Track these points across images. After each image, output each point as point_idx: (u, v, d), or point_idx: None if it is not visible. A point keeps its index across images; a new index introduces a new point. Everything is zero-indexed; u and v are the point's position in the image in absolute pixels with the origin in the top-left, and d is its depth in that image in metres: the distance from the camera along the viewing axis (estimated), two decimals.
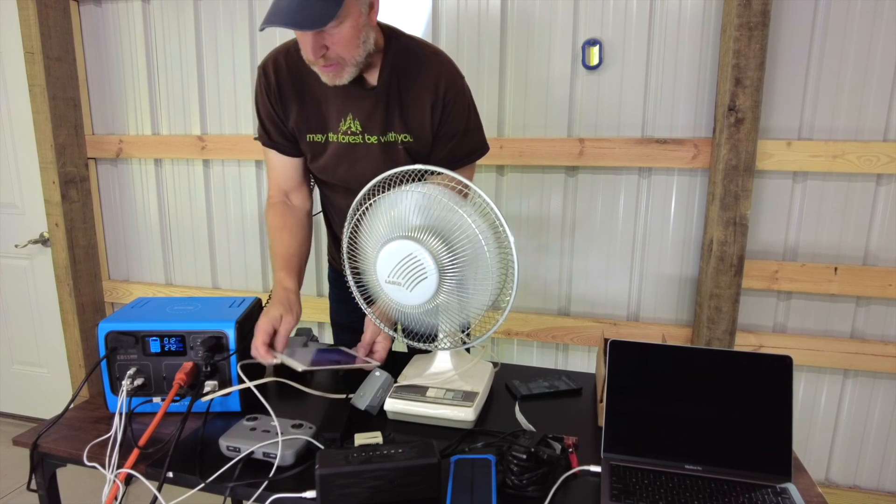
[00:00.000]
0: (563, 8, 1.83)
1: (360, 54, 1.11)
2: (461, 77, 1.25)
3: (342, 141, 1.24)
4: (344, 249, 1.15)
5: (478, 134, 1.32)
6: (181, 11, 2.19)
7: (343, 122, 1.22)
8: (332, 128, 1.23)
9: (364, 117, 1.22)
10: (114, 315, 1.10)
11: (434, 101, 1.21)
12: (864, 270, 1.73)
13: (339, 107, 1.22)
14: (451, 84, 1.22)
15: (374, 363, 1.19)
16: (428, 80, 1.21)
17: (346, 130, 1.23)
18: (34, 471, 1.02)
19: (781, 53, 1.70)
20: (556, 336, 2.00)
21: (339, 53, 1.07)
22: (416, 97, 1.21)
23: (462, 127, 1.26)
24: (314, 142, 1.26)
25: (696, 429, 0.94)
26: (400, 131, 1.23)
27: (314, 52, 1.05)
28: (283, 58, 1.22)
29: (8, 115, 2.43)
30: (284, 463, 0.91)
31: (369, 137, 1.23)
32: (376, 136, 1.23)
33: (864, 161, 1.67)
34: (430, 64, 1.22)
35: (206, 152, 2.24)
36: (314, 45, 1.05)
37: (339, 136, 1.24)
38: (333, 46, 1.06)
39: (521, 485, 0.86)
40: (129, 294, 2.48)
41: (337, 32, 1.05)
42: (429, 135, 1.24)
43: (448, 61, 1.24)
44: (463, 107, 1.25)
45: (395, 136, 1.23)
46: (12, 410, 2.80)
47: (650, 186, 1.87)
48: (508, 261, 1.03)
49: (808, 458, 1.91)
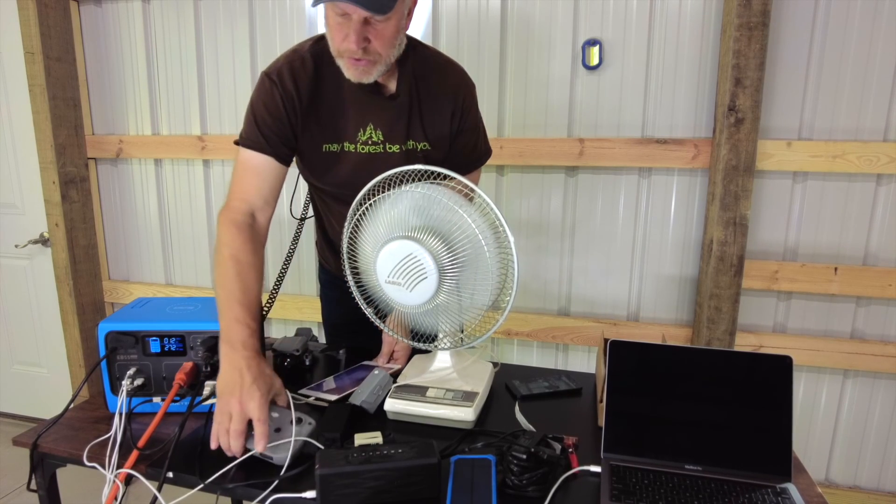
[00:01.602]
0: (563, 8, 1.83)
1: (393, 55, 1.11)
2: (475, 86, 1.29)
3: (361, 151, 1.21)
4: (344, 250, 1.14)
5: (485, 139, 1.38)
6: (181, 11, 2.19)
7: (362, 132, 1.20)
8: (349, 138, 1.20)
9: (386, 126, 1.20)
10: (114, 315, 1.10)
11: (453, 111, 1.24)
12: (864, 270, 1.73)
13: (357, 116, 1.19)
14: (468, 93, 1.27)
15: (396, 367, 1.25)
16: (447, 90, 1.23)
17: (367, 140, 1.20)
18: (34, 471, 1.02)
19: (781, 53, 1.70)
20: (556, 336, 2.00)
21: (377, 49, 1.06)
22: (437, 106, 1.23)
23: (475, 134, 1.32)
24: (329, 152, 1.21)
25: (696, 429, 0.94)
26: (419, 140, 1.23)
27: (357, 42, 1.03)
28: (299, 64, 1.16)
29: (8, 115, 2.43)
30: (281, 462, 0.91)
31: (391, 147, 1.21)
32: (398, 145, 1.22)
33: (864, 161, 1.67)
34: (448, 73, 1.25)
35: (206, 152, 2.24)
36: (359, 34, 1.03)
37: (356, 146, 1.20)
38: (375, 40, 1.05)
39: (521, 485, 0.86)
40: (129, 294, 2.48)
41: (383, 27, 1.04)
42: (447, 143, 1.27)
43: (463, 71, 1.28)
44: (476, 115, 1.31)
45: (414, 144, 1.23)
46: (12, 410, 2.80)
47: (650, 186, 1.87)
48: (508, 261, 1.03)
49: (808, 458, 1.91)
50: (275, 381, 0.96)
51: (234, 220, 1.10)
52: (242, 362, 0.93)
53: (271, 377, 0.96)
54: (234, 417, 0.89)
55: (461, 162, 1.30)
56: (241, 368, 0.92)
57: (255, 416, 0.89)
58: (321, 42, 1.18)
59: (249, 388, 0.90)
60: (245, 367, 0.92)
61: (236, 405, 0.90)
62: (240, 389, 0.90)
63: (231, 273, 1.03)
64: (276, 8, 2.09)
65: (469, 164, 1.35)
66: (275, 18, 2.09)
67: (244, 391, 0.90)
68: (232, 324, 0.98)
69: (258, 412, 0.89)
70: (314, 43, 1.19)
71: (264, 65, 1.19)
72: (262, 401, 0.90)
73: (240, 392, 0.90)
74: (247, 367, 0.92)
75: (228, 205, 1.13)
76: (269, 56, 2.09)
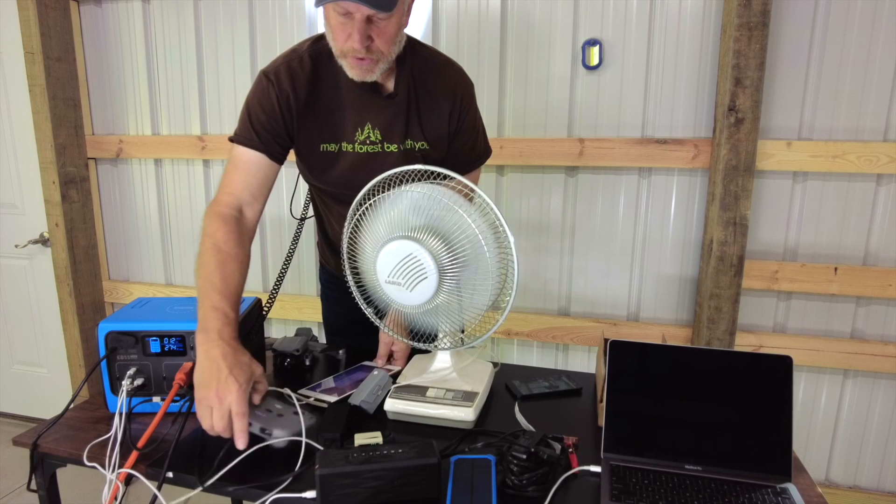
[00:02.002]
0: (563, 8, 1.83)
1: (394, 52, 1.11)
2: (473, 85, 1.29)
3: (359, 150, 1.21)
4: (344, 250, 1.14)
5: (485, 139, 1.38)
6: (181, 11, 2.19)
7: (360, 132, 1.20)
8: (347, 137, 1.20)
9: (384, 126, 1.20)
10: (114, 315, 1.10)
11: (451, 110, 1.24)
12: (864, 270, 1.73)
13: (355, 116, 1.19)
14: (466, 92, 1.26)
15: (396, 369, 1.25)
16: (446, 89, 1.23)
17: (365, 140, 1.20)
18: (34, 471, 1.02)
19: (781, 53, 1.70)
20: (556, 336, 2.00)
21: (379, 47, 1.06)
22: (435, 105, 1.23)
23: (474, 134, 1.32)
24: (327, 152, 1.21)
25: (696, 429, 0.94)
26: (418, 139, 1.23)
27: (361, 41, 1.03)
28: (297, 64, 1.16)
29: (8, 115, 2.43)
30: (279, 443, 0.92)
31: (389, 146, 1.21)
32: (396, 144, 1.22)
33: (864, 161, 1.67)
34: (447, 73, 1.25)
35: (206, 152, 2.24)
36: (363, 33, 1.03)
37: (354, 146, 1.20)
38: (377, 38, 1.05)
39: (521, 485, 0.86)
40: (129, 294, 2.48)
41: (385, 25, 1.05)
42: (445, 142, 1.27)
43: (462, 70, 1.27)
44: (475, 114, 1.31)
45: (412, 143, 1.23)
46: (12, 410, 2.80)
47: (650, 186, 1.87)
48: (508, 261, 1.03)
49: (808, 458, 1.91)
50: (254, 369, 0.93)
51: (220, 212, 1.09)
52: (217, 351, 0.90)
53: (249, 364, 0.93)
54: (214, 412, 0.87)
55: (460, 161, 1.30)
56: (217, 358, 0.89)
57: (234, 409, 0.87)
58: (320, 42, 1.17)
59: (226, 379, 0.88)
60: (220, 356, 0.89)
61: (214, 398, 0.87)
62: (216, 381, 0.88)
63: (212, 262, 1.02)
64: (276, 8, 2.09)
65: (468, 164, 1.35)
66: (275, 18, 2.09)
67: (220, 383, 0.87)
68: (208, 312, 0.95)
69: (236, 405, 0.87)
70: (313, 43, 1.19)
71: (264, 65, 1.19)
72: (239, 393, 0.87)
73: (216, 384, 0.88)
74: (222, 356, 0.89)
75: (216, 198, 1.13)
76: (269, 56, 2.08)
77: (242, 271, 1.05)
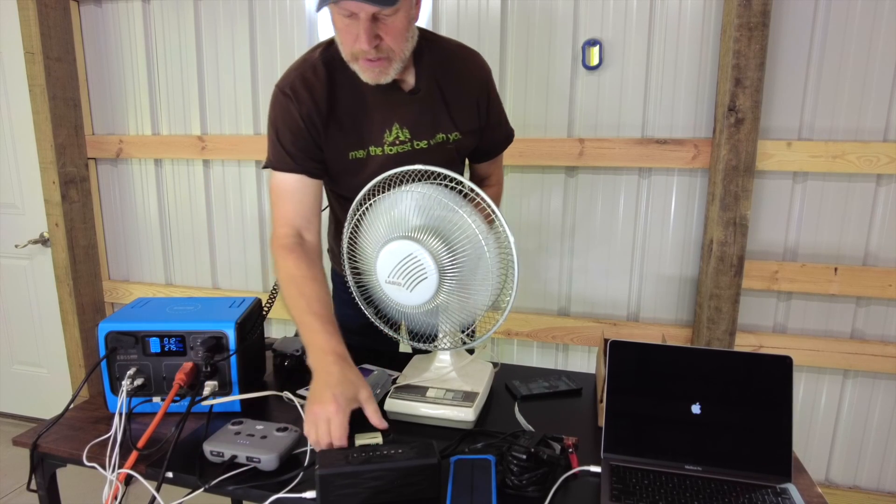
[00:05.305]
0: (563, 8, 1.83)
1: (407, 49, 1.07)
2: (490, 68, 1.28)
3: (388, 153, 1.17)
4: (344, 250, 1.14)
5: (507, 122, 1.38)
6: (181, 11, 2.19)
7: (388, 133, 1.16)
8: (374, 141, 1.16)
9: (412, 123, 1.17)
10: (114, 315, 1.10)
11: (479, 96, 1.23)
12: (864, 271, 1.73)
13: (381, 117, 1.15)
14: (488, 76, 1.26)
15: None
16: (470, 75, 1.22)
17: (394, 141, 1.16)
18: (34, 471, 1.02)
19: (781, 53, 1.70)
20: (556, 336, 2.00)
21: (389, 45, 1.02)
22: (462, 93, 1.20)
23: (499, 117, 1.32)
24: (356, 159, 1.17)
25: (695, 429, 0.94)
26: (449, 130, 1.20)
27: (369, 41, 0.99)
28: (311, 73, 1.12)
29: (8, 115, 2.43)
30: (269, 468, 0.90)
31: (418, 143, 1.18)
32: (425, 140, 1.19)
33: (864, 161, 1.67)
34: (466, 59, 1.23)
35: (206, 152, 2.24)
36: (370, 32, 0.99)
37: (384, 148, 1.17)
38: (386, 37, 1.01)
39: (521, 485, 0.86)
40: (129, 294, 2.48)
41: (392, 22, 1.00)
42: (477, 129, 1.25)
43: (478, 53, 1.26)
44: (497, 97, 1.30)
45: (443, 136, 1.20)
46: (12, 410, 2.80)
47: (650, 187, 1.87)
48: (508, 261, 1.03)
49: (808, 459, 1.91)
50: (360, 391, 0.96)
51: (283, 245, 1.12)
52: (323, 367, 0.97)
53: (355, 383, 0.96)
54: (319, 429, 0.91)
55: (493, 146, 1.33)
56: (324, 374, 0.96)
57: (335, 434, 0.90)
58: (331, 47, 1.13)
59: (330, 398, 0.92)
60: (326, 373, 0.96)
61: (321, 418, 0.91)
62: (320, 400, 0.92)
63: (293, 292, 1.07)
64: (276, 8, 2.09)
65: (500, 145, 1.37)
66: (275, 18, 2.09)
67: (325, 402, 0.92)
68: (310, 336, 1.02)
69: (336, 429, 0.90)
70: (324, 49, 1.15)
71: (264, 65, 1.18)
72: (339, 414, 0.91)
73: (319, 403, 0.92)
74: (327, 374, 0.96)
75: (275, 232, 1.15)
76: (269, 56, 2.10)
77: (322, 286, 1.10)
